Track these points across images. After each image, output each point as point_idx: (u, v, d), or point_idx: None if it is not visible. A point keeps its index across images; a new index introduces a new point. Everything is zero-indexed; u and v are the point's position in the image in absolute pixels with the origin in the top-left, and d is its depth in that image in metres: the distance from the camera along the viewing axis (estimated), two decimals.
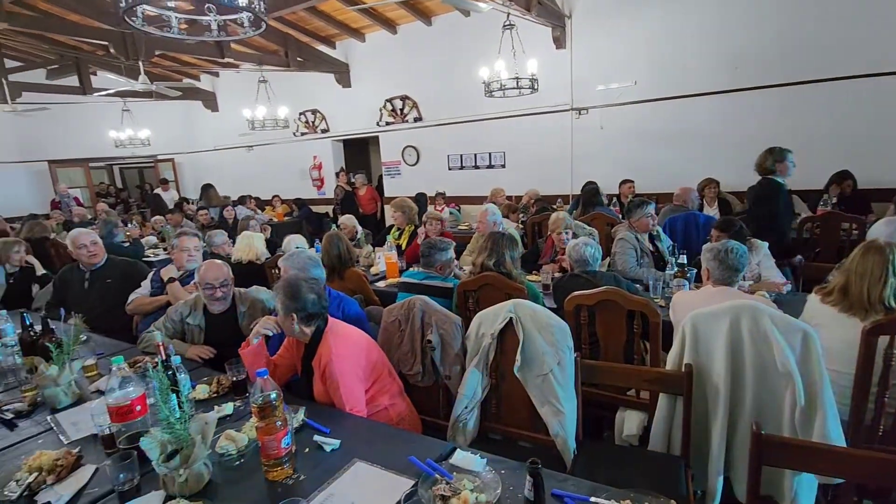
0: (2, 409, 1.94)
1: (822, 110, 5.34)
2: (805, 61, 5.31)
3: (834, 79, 5.23)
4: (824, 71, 5.26)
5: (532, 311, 2.00)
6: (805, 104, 5.42)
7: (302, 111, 9.72)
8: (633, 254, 3.36)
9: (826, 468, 1.57)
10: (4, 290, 3.89)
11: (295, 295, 1.85)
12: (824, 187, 5.08)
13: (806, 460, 1.52)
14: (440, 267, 2.88)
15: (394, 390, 2.02)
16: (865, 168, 5.08)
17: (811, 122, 5.40)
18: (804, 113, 5.43)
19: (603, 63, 6.46)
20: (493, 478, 1.35)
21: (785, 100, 5.50)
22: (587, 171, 6.65)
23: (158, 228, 7.30)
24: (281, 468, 1.45)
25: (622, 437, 2.27)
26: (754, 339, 1.83)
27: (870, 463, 1.39)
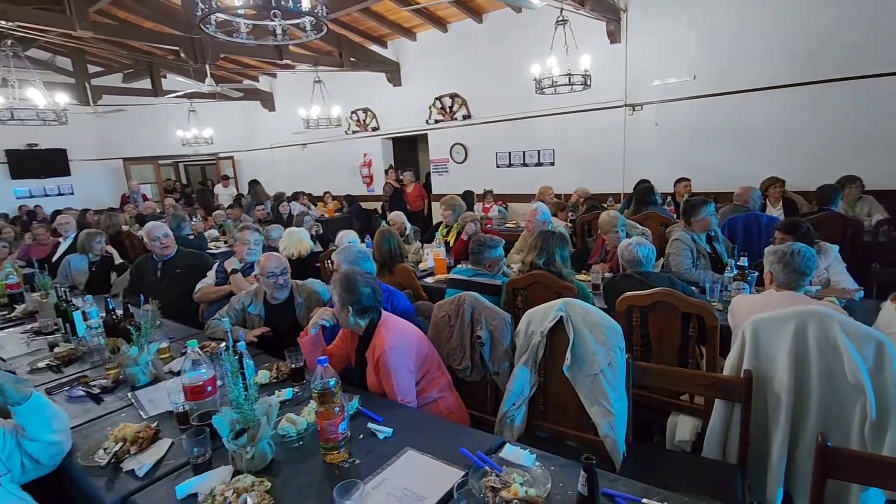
0: (89, 384, 2.14)
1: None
2: (887, 51, 4.92)
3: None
4: None
5: (584, 310, 1.99)
6: (884, 98, 5.02)
7: (354, 110, 9.97)
8: (689, 255, 3.25)
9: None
10: (88, 277, 4.23)
11: (351, 288, 1.93)
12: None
13: (877, 475, 1.43)
14: (489, 264, 2.90)
15: (443, 383, 2.07)
16: None
17: (890, 117, 5.00)
18: (883, 107, 5.03)
19: (660, 57, 6.24)
20: (543, 473, 1.36)
21: (861, 93, 5.11)
22: (640, 169, 6.47)
23: (219, 222, 7.71)
24: (337, 451, 1.52)
25: (674, 442, 2.22)
26: (822, 347, 1.74)
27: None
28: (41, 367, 2.42)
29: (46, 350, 2.66)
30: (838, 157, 5.23)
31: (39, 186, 10.39)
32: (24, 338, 2.91)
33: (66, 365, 2.45)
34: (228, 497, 1.32)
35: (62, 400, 2.03)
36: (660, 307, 2.22)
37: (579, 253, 4.03)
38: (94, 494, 1.47)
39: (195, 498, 1.37)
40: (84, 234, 4.39)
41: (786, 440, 1.81)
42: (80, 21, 5.10)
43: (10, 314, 3.41)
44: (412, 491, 1.36)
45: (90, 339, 2.54)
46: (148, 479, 1.49)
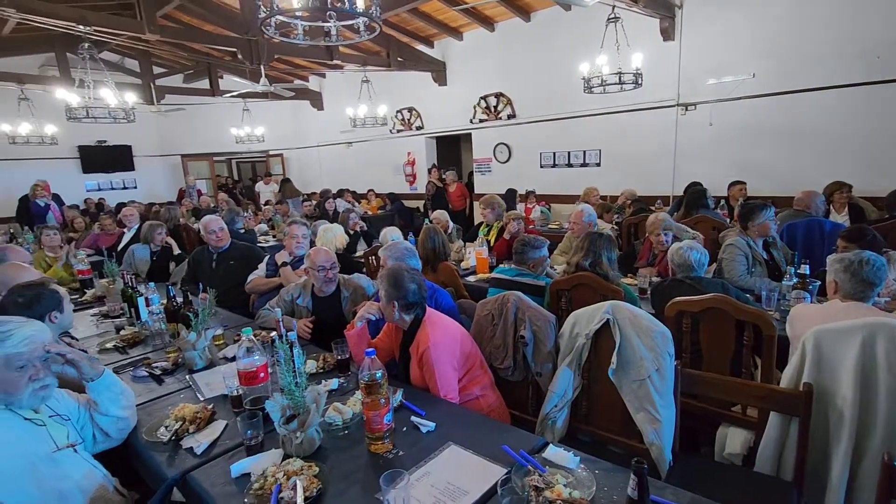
0: (152, 366, 2.28)
1: None
2: None
3: None
4: None
5: (632, 313, 1.94)
6: None
7: (399, 109, 10.10)
8: (744, 261, 3.10)
9: None
10: (149, 266, 4.50)
11: (398, 284, 1.96)
12: None
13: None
14: (533, 265, 2.88)
15: (485, 381, 2.08)
16: None
17: None
18: None
19: (716, 54, 5.99)
20: (588, 476, 1.35)
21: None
22: (691, 170, 6.23)
23: (269, 216, 8.01)
24: (382, 442, 1.56)
25: (723, 454, 2.14)
26: (891, 361, 1.64)
27: None
28: (108, 348, 2.60)
29: (113, 332, 2.85)
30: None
31: (106, 180, 11.11)
32: (93, 320, 3.13)
33: (130, 347, 2.62)
34: (279, 479, 1.38)
35: (127, 379, 2.17)
36: (712, 314, 2.14)
37: (625, 256, 3.93)
38: (157, 468, 1.57)
39: (248, 477, 1.44)
40: (147, 226, 4.66)
41: (848, 458, 1.71)
42: (149, 25, 5.43)
43: (81, 298, 3.67)
44: (455, 485, 1.37)
45: (152, 323, 2.71)
46: (205, 457, 1.58)
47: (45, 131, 8.18)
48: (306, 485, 1.35)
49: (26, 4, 4.65)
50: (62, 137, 8.94)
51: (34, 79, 8.01)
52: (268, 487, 1.37)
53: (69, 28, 5.15)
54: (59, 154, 9.90)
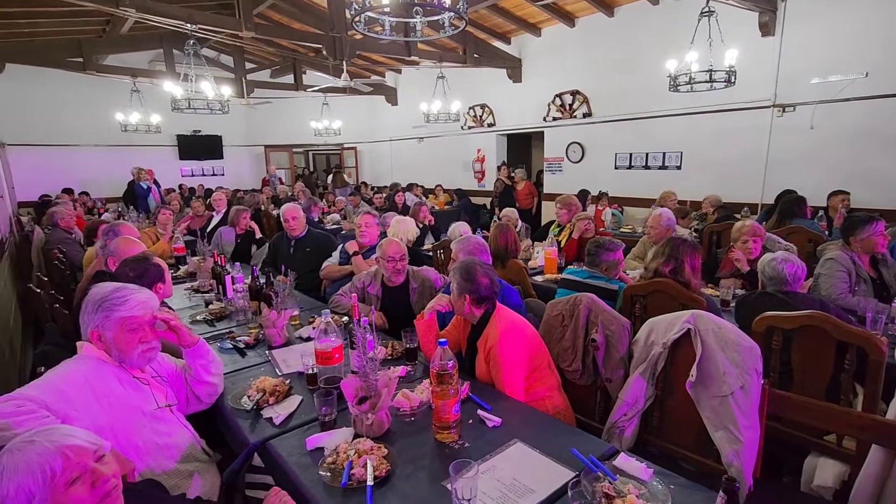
0: (235, 339, 2.45)
1: None
2: None
3: None
4: None
5: (717, 325, 1.83)
6: None
7: (472, 105, 10.12)
8: (846, 278, 2.82)
9: None
10: (234, 248, 4.83)
11: (471, 277, 1.98)
12: None
13: None
14: (606, 268, 2.79)
15: (552, 383, 2.04)
16: None
17: None
18: None
19: (822, 51, 5.46)
20: (663, 490, 1.29)
21: None
22: (784, 177, 5.75)
23: (341, 207, 8.33)
24: (448, 432, 1.58)
25: (811, 485, 1.96)
26: None
27: None
28: (199, 320, 2.82)
29: (202, 306, 3.09)
30: None
31: (199, 167, 12.06)
32: (185, 294, 3.41)
33: (218, 320, 2.83)
34: (350, 456, 1.44)
35: (215, 349, 2.34)
36: (809, 332, 1.97)
37: (705, 265, 3.70)
38: (240, 434, 1.69)
39: (322, 451, 1.51)
40: (234, 210, 5.01)
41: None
42: (245, 23, 5.82)
43: (176, 273, 4.02)
44: (521, 483, 1.36)
45: (237, 300, 2.91)
46: (283, 428, 1.68)
47: (150, 120, 9.02)
48: (376, 464, 1.40)
49: (144, 4, 5.14)
50: (164, 126, 9.82)
51: (144, 73, 8.83)
52: (340, 463, 1.43)
53: (178, 26, 5.63)
54: (161, 142, 10.87)
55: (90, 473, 1.03)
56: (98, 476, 1.03)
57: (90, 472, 1.03)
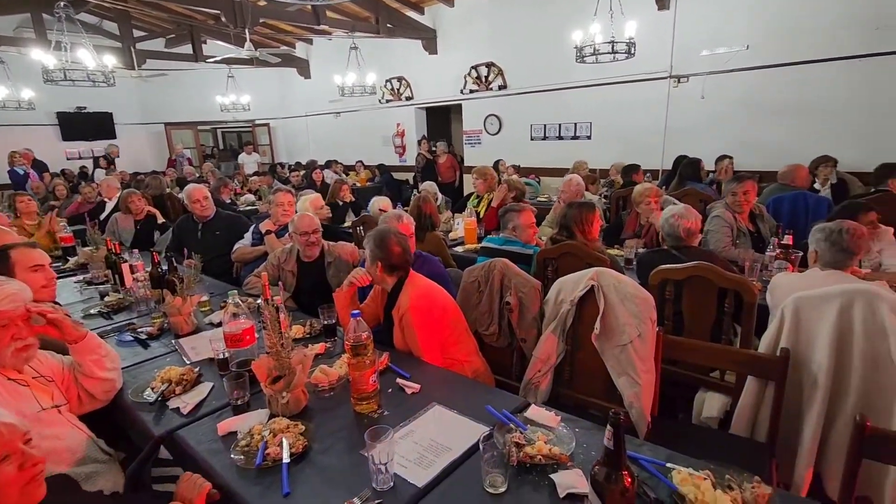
0: (136, 331, 2.27)
1: None
2: None
3: None
4: None
5: (616, 280, 1.96)
6: None
7: (388, 78, 9.89)
8: (729, 232, 3.14)
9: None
10: (133, 235, 4.44)
11: (383, 245, 1.97)
12: None
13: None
14: (513, 228, 2.89)
15: (471, 347, 2.10)
16: None
17: None
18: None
19: (711, 25, 5.91)
20: (568, 433, 1.39)
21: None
22: (682, 144, 6.21)
23: (256, 188, 7.89)
24: (368, 402, 1.58)
25: (701, 417, 2.20)
26: (867, 327, 1.68)
27: None
28: (93, 314, 2.58)
29: (97, 299, 2.82)
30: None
31: (87, 148, 10.81)
32: (76, 287, 3.09)
33: (115, 313, 2.60)
34: (265, 436, 1.40)
35: (113, 343, 2.16)
36: (695, 282, 2.17)
37: (612, 227, 3.96)
38: (144, 427, 1.58)
39: (235, 436, 1.45)
40: (125, 193, 4.58)
41: (820, 421, 1.76)
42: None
43: (64, 266, 3.62)
44: (438, 442, 1.40)
45: (137, 290, 2.68)
46: (192, 417, 1.59)
47: (21, 96, 7.90)
48: (292, 442, 1.37)
49: None
50: (40, 103, 8.65)
51: (9, 40, 7.68)
52: (254, 444, 1.39)
53: None
54: (37, 120, 9.60)
55: (20, 454, 1.01)
56: (27, 458, 1.02)
57: (20, 454, 1.01)
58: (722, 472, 1.20)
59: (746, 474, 1.19)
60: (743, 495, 1.12)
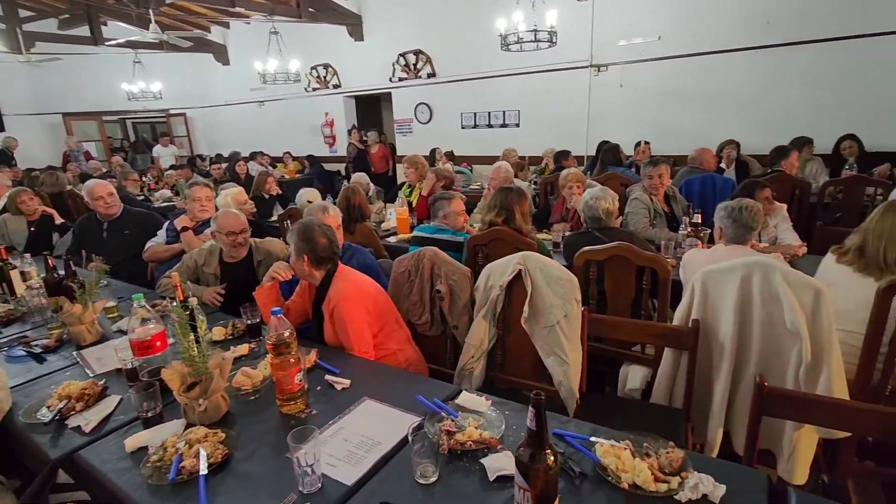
0: (30, 344, 2.04)
1: (856, 70, 5.09)
2: (840, 16, 5.03)
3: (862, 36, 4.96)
4: (848, 29, 5.01)
5: (542, 263, 2.01)
6: (837, 62, 5.15)
7: (314, 65, 9.54)
8: (647, 213, 3.32)
9: (828, 420, 1.59)
10: (27, 238, 3.98)
11: (308, 238, 1.89)
12: (833, 150, 5.02)
13: (808, 412, 1.54)
14: (444, 216, 2.89)
15: (401, 337, 2.08)
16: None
17: (841, 81, 5.17)
18: (835, 72, 5.18)
19: (626, 16, 6.19)
20: (498, 416, 1.40)
21: (817, 57, 5.23)
22: (604, 131, 6.51)
23: (172, 182, 7.36)
24: (294, 402, 1.51)
25: (625, 390, 2.32)
26: (764, 296, 1.83)
27: (875, 417, 1.40)
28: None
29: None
30: (793, 120, 5.40)
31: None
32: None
33: (4, 326, 2.32)
34: (180, 448, 1.30)
35: (0, 360, 1.93)
36: (615, 261, 2.27)
37: (541, 212, 4.07)
38: (39, 451, 1.41)
39: (146, 451, 1.34)
40: (13, 192, 4.11)
41: (728, 384, 1.91)
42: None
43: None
44: (368, 437, 1.37)
45: (30, 298, 2.41)
46: (95, 435, 1.45)
47: None
48: (210, 451, 1.28)
49: None
50: None
51: None
52: (168, 458, 1.28)
53: None
54: None
55: None
56: None
57: None
58: (640, 441, 1.26)
59: (662, 440, 1.26)
60: (659, 460, 1.18)
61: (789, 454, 1.80)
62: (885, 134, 4.98)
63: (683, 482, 1.12)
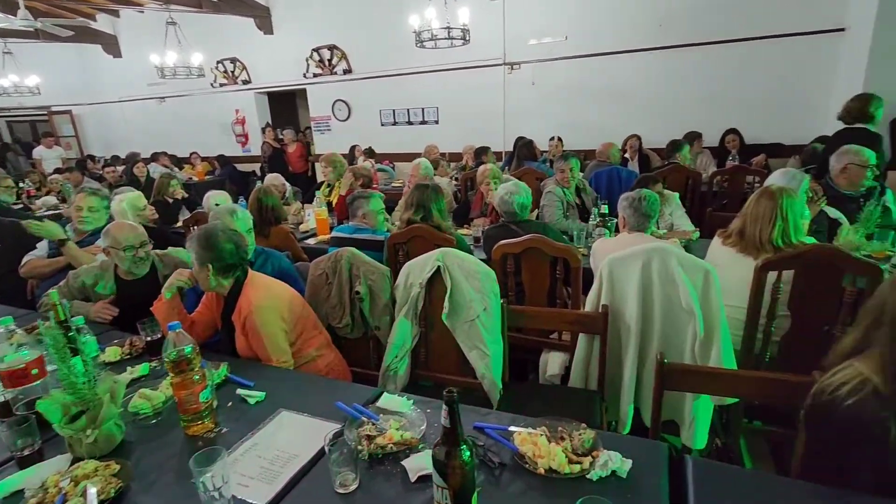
0: None
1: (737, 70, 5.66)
2: (723, 21, 5.56)
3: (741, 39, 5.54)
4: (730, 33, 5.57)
5: (460, 259, 2.02)
6: (719, 62, 5.71)
7: (220, 59, 8.97)
8: (561, 206, 3.47)
9: (720, 389, 1.75)
10: None
11: (210, 244, 1.75)
12: (719, 143, 5.57)
13: (702, 383, 1.69)
14: (363, 215, 2.84)
15: (321, 342, 2.00)
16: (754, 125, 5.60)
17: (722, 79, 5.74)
18: (717, 71, 5.73)
19: (536, 16, 6.42)
20: (419, 416, 1.39)
21: (703, 58, 5.76)
22: (520, 127, 6.70)
23: (58, 187, 6.60)
24: (201, 422, 1.41)
25: (545, 376, 2.41)
26: (662, 279, 1.97)
27: (758, 383, 1.57)
28: None
29: None
30: (685, 116, 5.91)
31: None
32: None
33: None
34: (64, 487, 1.15)
35: None
36: (530, 253, 2.35)
37: (462, 208, 4.12)
38: None
39: (22, 494, 1.18)
40: None
41: (635, 363, 2.04)
42: None
43: None
44: (284, 451, 1.30)
45: None
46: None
47: None
48: (101, 487, 1.16)
49: None
50: None
51: None
52: (49, 500, 1.14)
53: None
54: None
55: None
56: None
57: None
58: (555, 426, 1.31)
59: (575, 423, 1.32)
60: (573, 442, 1.23)
61: (690, 422, 1.97)
62: (761, 128, 5.60)
63: (595, 461, 1.18)
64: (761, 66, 5.52)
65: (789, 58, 5.39)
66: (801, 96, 5.43)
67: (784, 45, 5.37)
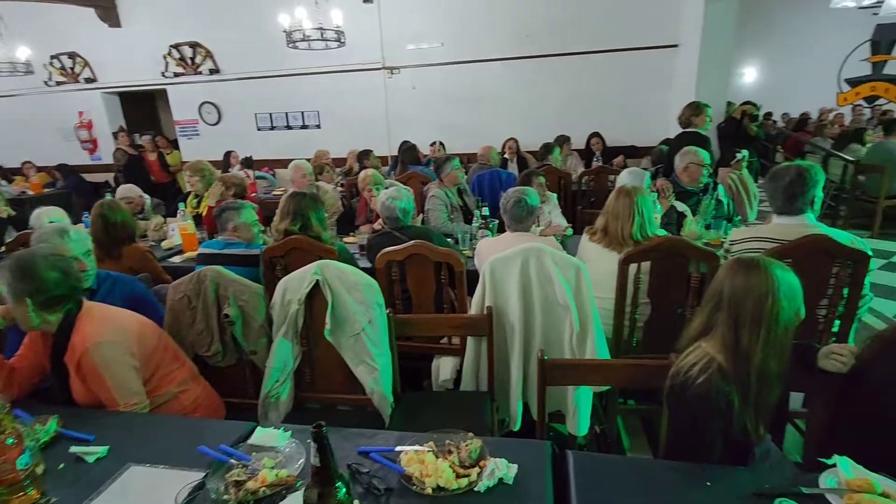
0: None
1: (598, 79, 6.22)
2: (585, 33, 6.07)
3: (599, 51, 6.12)
4: (587, 45, 6.13)
5: (339, 271, 1.92)
6: (582, 71, 6.23)
7: (54, 54, 7.73)
8: (445, 209, 3.51)
9: (595, 379, 1.87)
10: None
11: (27, 274, 1.44)
12: (585, 145, 6.11)
13: (580, 375, 1.79)
14: (234, 228, 2.60)
15: (184, 375, 1.76)
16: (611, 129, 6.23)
17: (575, 88, 6.30)
18: (581, 80, 6.26)
19: (412, 21, 6.47)
20: (296, 449, 1.27)
21: (567, 67, 6.25)
22: (403, 131, 6.70)
23: None
24: (23, 494, 1.15)
25: (439, 382, 2.39)
26: (540, 277, 2.05)
27: (627, 370, 1.70)
28: None
29: None
30: (555, 120, 6.35)
31: None
32: None
33: None
34: None
35: None
36: (414, 259, 2.32)
37: (347, 214, 3.98)
38: None
39: None
40: None
41: (521, 361, 2.09)
42: None
43: None
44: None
45: None
46: None
47: None
48: None
49: None
50: None
51: None
52: None
53: None
54: None
55: None
56: None
57: None
58: (442, 439, 1.27)
59: (462, 433, 1.29)
60: (460, 455, 1.21)
61: (573, 412, 2.07)
62: (620, 131, 6.24)
63: (482, 472, 1.16)
64: (615, 76, 6.16)
65: (636, 69, 6.08)
66: (648, 103, 6.16)
67: (632, 58, 6.05)
